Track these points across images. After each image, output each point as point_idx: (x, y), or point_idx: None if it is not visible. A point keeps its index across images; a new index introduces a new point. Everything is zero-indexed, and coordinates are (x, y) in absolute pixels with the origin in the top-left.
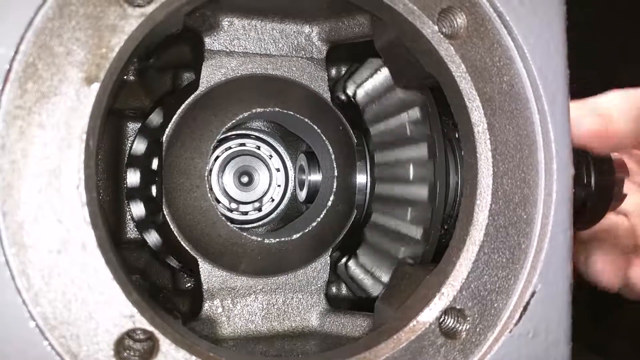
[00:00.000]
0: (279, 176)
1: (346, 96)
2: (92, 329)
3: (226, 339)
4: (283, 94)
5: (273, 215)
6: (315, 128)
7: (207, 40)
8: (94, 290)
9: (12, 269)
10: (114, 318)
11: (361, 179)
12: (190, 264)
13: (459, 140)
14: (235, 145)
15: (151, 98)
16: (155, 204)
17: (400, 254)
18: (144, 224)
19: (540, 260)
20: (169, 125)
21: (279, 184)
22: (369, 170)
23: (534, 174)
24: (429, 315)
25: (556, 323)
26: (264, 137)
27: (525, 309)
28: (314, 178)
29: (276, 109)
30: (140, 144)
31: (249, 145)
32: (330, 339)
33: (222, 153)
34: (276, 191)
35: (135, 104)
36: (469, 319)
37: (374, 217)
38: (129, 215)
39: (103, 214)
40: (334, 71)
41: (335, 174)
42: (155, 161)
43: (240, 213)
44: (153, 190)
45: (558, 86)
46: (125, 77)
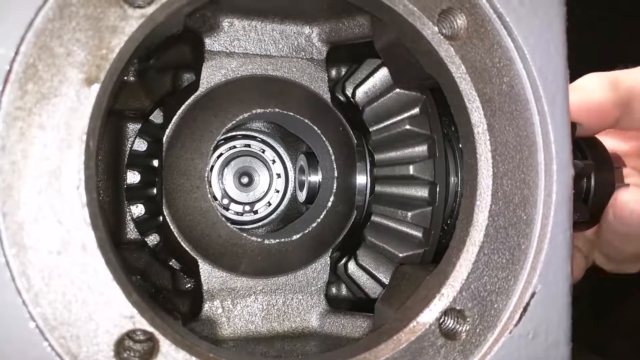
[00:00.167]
0: (279, 182)
1: (346, 97)
2: (92, 330)
3: (226, 339)
4: (283, 94)
5: (272, 216)
6: (315, 129)
7: (208, 41)
8: (94, 291)
9: (12, 269)
10: (114, 319)
11: (361, 179)
12: (190, 265)
13: (458, 141)
14: (240, 146)
15: (151, 99)
16: (156, 204)
17: (400, 255)
18: (144, 224)
19: (540, 261)
20: (169, 126)
21: (277, 190)
22: (369, 171)
23: (534, 174)
24: (429, 316)
25: (556, 324)
26: (268, 141)
27: (525, 309)
28: (314, 179)
29: (276, 110)
30: (141, 145)
31: (254, 147)
32: (330, 339)
33: (226, 151)
34: (274, 196)
35: (135, 105)
36: (468, 319)
37: (374, 218)
38: (129, 216)
39: (103, 214)
40: (334, 72)
41: (335, 174)
42: (155, 162)
43: (238, 214)
44: (153, 191)
45: (558, 87)
46: (125, 78)
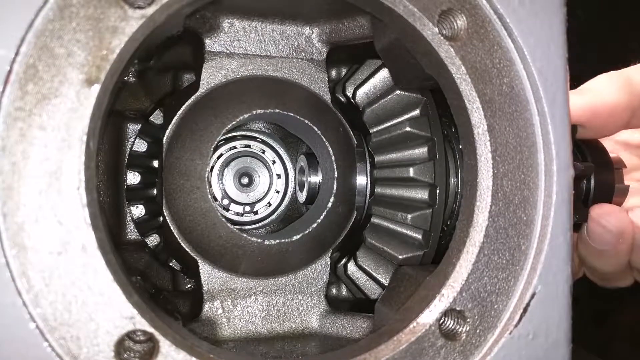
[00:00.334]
0: (279, 183)
1: (346, 97)
2: (93, 331)
3: (226, 340)
4: (283, 95)
5: (273, 217)
6: (316, 129)
7: (208, 42)
8: (94, 292)
9: (13, 270)
10: (114, 319)
11: (361, 180)
12: (190, 266)
13: (459, 142)
14: (240, 146)
15: (151, 99)
16: (156, 205)
17: (400, 257)
18: (144, 225)
19: (540, 262)
20: (169, 127)
21: (277, 190)
22: (369, 172)
23: (534, 175)
24: (429, 316)
25: (556, 325)
26: (269, 141)
27: (525, 310)
28: (314, 179)
29: (276, 111)
30: (141, 145)
31: (254, 147)
32: (331, 340)
33: (227, 152)
34: (274, 197)
35: (135, 105)
36: (469, 320)
37: (374, 220)
38: (129, 216)
39: (103, 215)
40: (334, 72)
41: (336, 175)
42: (155, 162)
43: (238, 214)
44: (153, 192)
45: (558, 88)
46: (125, 79)
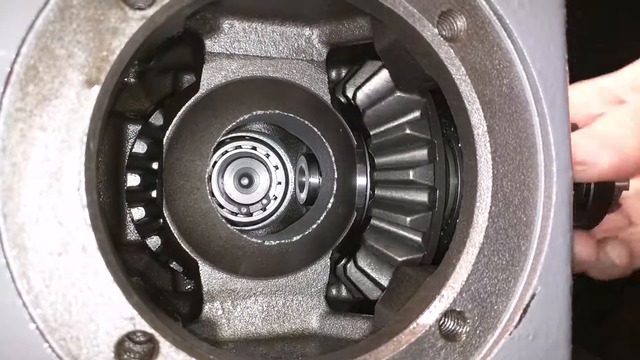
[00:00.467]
0: (278, 173)
1: (346, 98)
2: (93, 331)
3: (226, 341)
4: (283, 96)
5: (272, 217)
6: (316, 130)
7: (208, 43)
8: (95, 293)
9: (13, 271)
10: (114, 320)
11: (361, 181)
12: (190, 266)
13: (458, 143)
14: (231, 149)
15: (152, 100)
16: (156, 206)
17: (399, 259)
18: (144, 226)
19: (540, 263)
20: (170, 128)
21: (277, 191)
22: (369, 172)
23: (534, 176)
24: (429, 317)
25: (556, 325)
26: (259, 137)
27: (525, 311)
28: (314, 180)
29: (276, 111)
30: (141, 146)
31: (244, 147)
32: (330, 341)
33: (220, 158)
34: (277, 189)
35: (135, 106)
36: (469, 321)
37: (374, 222)
38: (129, 217)
39: (103, 216)
40: (334, 73)
41: (336, 176)
42: (155, 163)
43: (238, 215)
44: (153, 193)
45: (558, 88)
46: (125, 80)
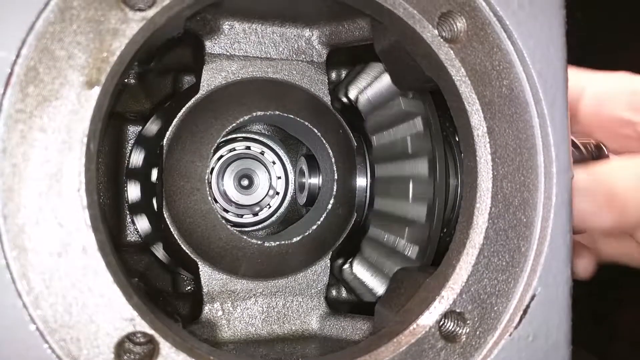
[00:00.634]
0: (279, 184)
1: (347, 99)
2: (93, 332)
3: (226, 342)
4: (283, 97)
5: (272, 218)
6: (315, 131)
7: (208, 44)
8: (95, 294)
9: (13, 272)
10: (114, 321)
11: (361, 181)
12: (190, 267)
13: (459, 144)
14: (240, 148)
15: (152, 101)
16: (156, 207)
17: (397, 267)
18: (144, 227)
19: (540, 264)
20: (170, 129)
21: (277, 192)
22: (368, 173)
23: (534, 177)
24: (429, 318)
25: (556, 326)
26: (269, 143)
27: (525, 312)
28: (314, 181)
29: (276, 112)
30: (141, 147)
31: (254, 149)
32: (330, 342)
33: (227, 153)
34: (274, 199)
35: (135, 107)
36: (469, 322)
37: (371, 232)
38: (129, 218)
39: (103, 217)
40: (334, 74)
41: (335, 177)
42: (155, 164)
43: (238, 216)
44: (153, 193)
45: (557, 90)
46: (126, 81)
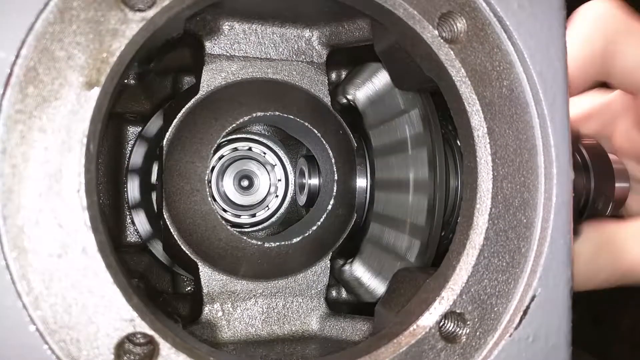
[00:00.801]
0: (279, 185)
1: (346, 100)
2: (92, 333)
3: (226, 342)
4: (283, 97)
5: (272, 219)
6: (315, 132)
7: (208, 45)
8: (95, 294)
9: (13, 272)
10: (114, 322)
11: (361, 182)
12: (190, 268)
13: (458, 145)
14: (240, 149)
15: (152, 102)
16: (156, 207)
17: (396, 268)
18: (144, 227)
19: (540, 264)
20: (169, 129)
21: (277, 193)
22: (369, 174)
23: (534, 178)
24: (429, 319)
25: (556, 327)
26: (269, 144)
27: (525, 313)
28: (314, 182)
29: (276, 113)
30: (141, 148)
31: (254, 150)
32: (330, 343)
33: (228, 153)
34: (274, 199)
35: (135, 108)
36: (469, 323)
37: (371, 232)
38: (129, 218)
39: (103, 217)
40: (334, 75)
41: (336, 177)
42: (155, 165)
43: (238, 217)
44: (153, 194)
45: (558, 90)
46: (125, 81)
